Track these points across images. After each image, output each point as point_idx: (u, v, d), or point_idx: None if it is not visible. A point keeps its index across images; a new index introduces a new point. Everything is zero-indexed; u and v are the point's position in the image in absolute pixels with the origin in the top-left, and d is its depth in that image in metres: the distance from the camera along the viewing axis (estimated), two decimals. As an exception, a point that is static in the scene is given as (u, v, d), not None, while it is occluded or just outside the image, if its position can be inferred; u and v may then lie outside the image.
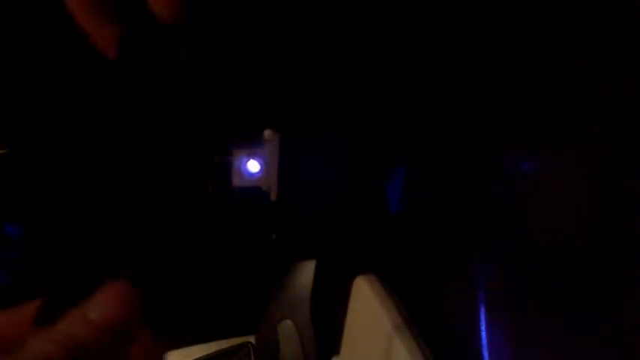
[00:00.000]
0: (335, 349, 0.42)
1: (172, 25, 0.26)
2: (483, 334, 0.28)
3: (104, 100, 0.55)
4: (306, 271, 0.47)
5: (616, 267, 0.29)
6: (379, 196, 0.38)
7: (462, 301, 0.30)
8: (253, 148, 0.31)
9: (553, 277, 0.29)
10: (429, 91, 0.35)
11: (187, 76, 0.32)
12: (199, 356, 0.53)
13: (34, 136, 0.55)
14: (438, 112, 0.35)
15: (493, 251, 0.30)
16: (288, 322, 0.47)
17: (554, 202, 0.29)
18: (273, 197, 0.32)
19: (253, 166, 0.31)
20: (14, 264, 0.56)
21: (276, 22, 0.29)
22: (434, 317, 0.33)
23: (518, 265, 0.29)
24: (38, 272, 0.56)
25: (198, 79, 0.33)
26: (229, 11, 0.30)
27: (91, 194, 0.56)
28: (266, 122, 0.31)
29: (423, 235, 0.35)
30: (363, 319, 0.38)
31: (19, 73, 0.54)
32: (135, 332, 0.25)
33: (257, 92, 0.31)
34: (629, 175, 0.29)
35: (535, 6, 0.30)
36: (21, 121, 0.55)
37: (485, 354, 0.28)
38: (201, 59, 0.32)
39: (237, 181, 0.32)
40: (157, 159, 0.55)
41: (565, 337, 0.28)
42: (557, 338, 0.28)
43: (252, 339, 0.52)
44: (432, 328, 0.33)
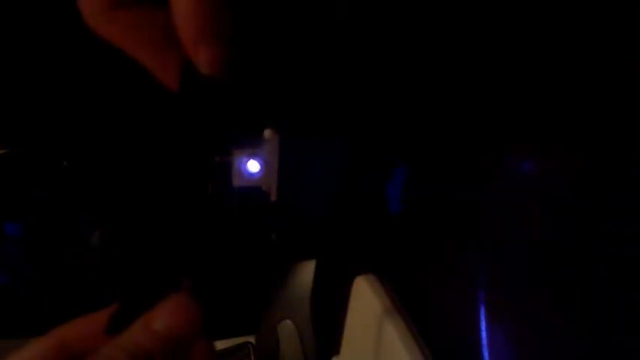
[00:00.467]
0: (335, 349, 0.42)
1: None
2: (483, 334, 0.28)
3: (104, 100, 0.55)
4: (306, 271, 0.47)
5: (616, 267, 0.29)
6: (379, 196, 0.38)
7: (462, 301, 0.30)
8: (253, 148, 0.31)
9: (553, 277, 0.29)
10: (429, 92, 0.35)
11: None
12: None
13: (34, 136, 0.55)
14: (438, 113, 0.35)
15: (493, 251, 0.30)
16: (288, 322, 0.47)
17: (554, 202, 0.29)
18: (273, 197, 0.32)
19: (253, 166, 0.31)
20: (14, 264, 0.56)
21: (276, 21, 0.29)
22: (434, 317, 0.33)
23: (518, 265, 0.29)
24: (38, 272, 0.56)
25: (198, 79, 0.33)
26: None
27: (91, 194, 0.56)
28: (266, 122, 0.31)
29: (423, 235, 0.35)
30: (363, 319, 0.38)
31: (20, 74, 0.54)
32: (196, 343, 0.26)
33: (257, 92, 0.31)
34: (630, 174, 0.29)
35: (536, 6, 0.30)
36: (21, 121, 0.55)
37: (485, 354, 0.28)
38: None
39: (237, 181, 0.32)
40: (157, 159, 0.55)
41: (565, 337, 0.28)
42: (557, 338, 0.28)
43: (252, 339, 0.52)
44: (432, 327, 0.33)
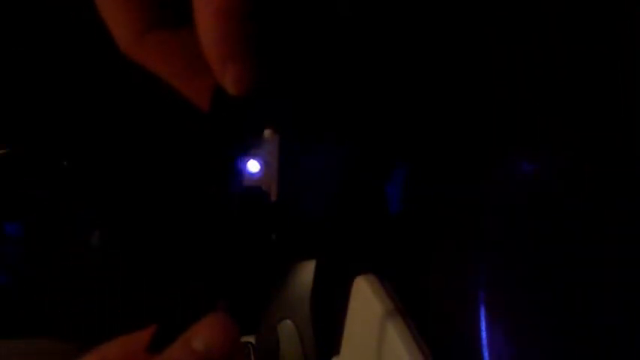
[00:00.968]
0: (335, 349, 0.41)
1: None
2: (483, 334, 0.28)
3: (104, 100, 0.55)
4: (306, 271, 0.47)
5: (617, 267, 0.29)
6: (379, 196, 0.38)
7: (462, 301, 0.30)
8: (253, 148, 0.31)
9: (553, 277, 0.29)
10: (430, 91, 0.35)
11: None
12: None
13: (34, 136, 0.55)
14: (438, 112, 0.35)
15: (493, 251, 0.30)
16: (288, 322, 0.47)
17: (555, 203, 0.29)
18: (273, 197, 0.32)
19: (253, 166, 0.31)
20: (14, 264, 0.56)
21: (276, 21, 0.29)
22: (434, 317, 0.33)
23: (518, 265, 0.29)
24: (38, 272, 0.56)
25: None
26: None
27: (91, 194, 0.56)
28: (266, 122, 0.31)
29: (423, 235, 0.35)
30: (363, 319, 0.38)
31: (20, 74, 0.54)
32: None
33: (257, 92, 0.31)
34: (630, 174, 0.29)
35: (539, 5, 0.30)
36: (21, 121, 0.55)
37: (485, 354, 0.28)
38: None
39: (237, 181, 0.32)
40: (157, 159, 0.55)
41: (565, 338, 0.28)
42: (557, 338, 0.28)
43: (252, 339, 0.52)
44: (431, 327, 0.33)
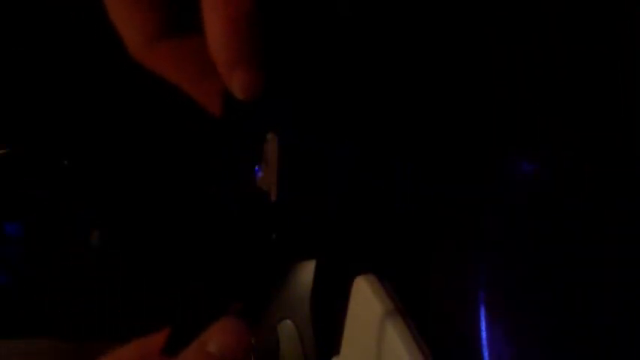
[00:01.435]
0: (335, 349, 0.41)
1: None
2: (483, 334, 0.28)
3: (104, 101, 0.55)
4: (306, 271, 0.47)
5: (617, 266, 0.29)
6: (379, 195, 0.38)
7: (462, 301, 0.30)
8: (256, 149, 0.31)
9: (554, 277, 0.29)
10: (430, 91, 0.35)
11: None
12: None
13: (34, 136, 0.55)
14: (438, 113, 0.35)
15: (493, 251, 0.30)
16: (288, 322, 0.47)
17: (555, 202, 0.29)
18: (273, 197, 0.32)
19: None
20: (14, 264, 0.56)
21: (281, 26, 0.29)
22: (434, 317, 0.33)
23: (518, 265, 0.29)
24: (38, 272, 0.56)
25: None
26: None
27: (91, 194, 0.56)
28: (269, 124, 0.31)
29: (423, 235, 0.35)
30: (363, 319, 0.38)
31: (20, 74, 0.54)
32: None
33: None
34: (630, 174, 0.29)
35: (538, 6, 0.30)
36: (21, 121, 0.55)
37: (485, 354, 0.28)
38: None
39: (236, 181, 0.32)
40: (158, 159, 0.55)
41: (565, 338, 0.28)
42: (557, 339, 0.28)
43: (252, 339, 0.52)
44: (431, 327, 0.33)
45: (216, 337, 0.27)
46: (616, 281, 0.29)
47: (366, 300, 0.37)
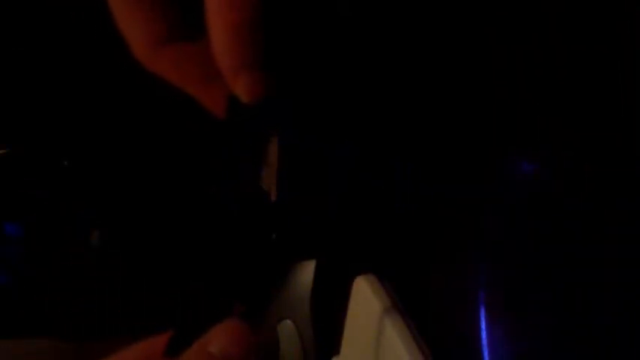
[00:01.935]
0: (335, 349, 0.41)
1: None
2: (483, 334, 0.28)
3: (104, 101, 0.55)
4: (306, 271, 0.47)
5: (617, 266, 0.29)
6: (379, 196, 0.38)
7: (462, 301, 0.30)
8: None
9: (554, 277, 0.29)
10: (430, 91, 0.35)
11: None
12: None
13: (34, 136, 0.55)
14: (438, 113, 0.35)
15: (493, 251, 0.30)
16: (288, 322, 0.47)
17: (555, 202, 0.29)
18: (273, 197, 0.32)
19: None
20: (14, 264, 0.56)
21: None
22: (434, 317, 0.33)
23: (518, 265, 0.29)
24: (38, 272, 0.56)
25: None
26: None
27: (91, 194, 0.56)
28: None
29: (423, 235, 0.35)
30: (363, 319, 0.38)
31: (20, 74, 0.54)
32: None
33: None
34: (630, 174, 0.29)
35: (538, 6, 0.30)
36: (21, 121, 0.55)
37: (486, 354, 0.28)
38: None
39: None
40: (158, 159, 0.55)
41: (565, 338, 0.28)
42: (557, 338, 0.28)
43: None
44: (431, 327, 0.33)
45: (219, 338, 0.27)
46: (616, 281, 0.29)
47: (366, 300, 0.37)
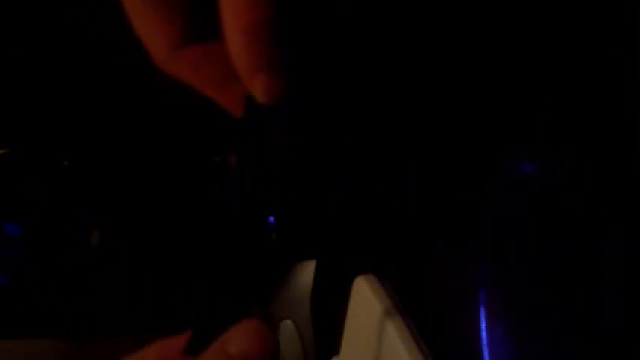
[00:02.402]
0: (335, 349, 0.41)
1: None
2: (483, 334, 0.28)
3: (104, 101, 0.55)
4: (306, 271, 0.47)
5: (617, 266, 0.29)
6: (379, 195, 0.38)
7: (462, 301, 0.30)
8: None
9: (553, 277, 0.29)
10: (430, 91, 0.35)
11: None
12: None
13: (34, 136, 0.55)
14: (438, 112, 0.35)
15: (493, 251, 0.30)
16: (288, 322, 0.47)
17: (555, 202, 0.29)
18: (274, 197, 0.32)
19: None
20: (14, 264, 0.56)
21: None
22: (434, 317, 0.33)
23: (518, 264, 0.29)
24: (38, 272, 0.56)
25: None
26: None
27: (91, 194, 0.56)
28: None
29: (423, 235, 0.35)
30: (363, 319, 0.38)
31: (20, 74, 0.54)
32: None
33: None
34: (630, 174, 0.29)
35: (547, 5, 0.30)
36: (21, 121, 0.55)
37: (485, 354, 0.28)
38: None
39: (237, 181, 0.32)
40: (158, 159, 0.55)
41: (565, 337, 0.28)
42: (557, 338, 0.28)
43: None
44: (431, 327, 0.33)
45: (238, 338, 0.27)
46: (616, 281, 0.29)
47: (366, 300, 0.37)
